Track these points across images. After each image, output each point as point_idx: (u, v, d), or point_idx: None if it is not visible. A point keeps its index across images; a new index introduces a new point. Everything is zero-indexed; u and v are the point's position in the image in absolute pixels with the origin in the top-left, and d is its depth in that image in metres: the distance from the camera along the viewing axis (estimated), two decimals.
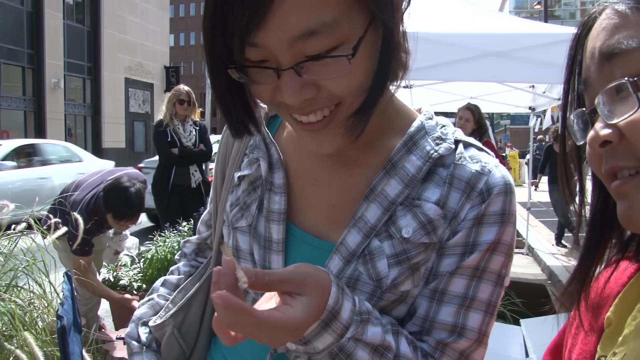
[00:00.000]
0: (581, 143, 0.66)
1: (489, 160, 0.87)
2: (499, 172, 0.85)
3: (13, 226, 2.73)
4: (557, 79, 0.75)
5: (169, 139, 5.51)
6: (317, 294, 0.71)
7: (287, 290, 0.69)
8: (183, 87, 5.62)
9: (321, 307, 0.71)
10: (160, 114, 5.66)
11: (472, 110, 5.55)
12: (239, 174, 0.97)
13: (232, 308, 0.64)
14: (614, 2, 0.62)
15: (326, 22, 0.67)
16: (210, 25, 0.71)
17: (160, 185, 5.62)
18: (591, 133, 0.61)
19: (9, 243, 2.67)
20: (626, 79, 0.57)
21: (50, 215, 2.98)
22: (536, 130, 10.66)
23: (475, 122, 5.50)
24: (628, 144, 0.58)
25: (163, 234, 4.57)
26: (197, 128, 5.71)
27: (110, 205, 3.43)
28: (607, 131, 0.59)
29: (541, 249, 8.00)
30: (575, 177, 0.71)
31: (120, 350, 2.78)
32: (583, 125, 0.66)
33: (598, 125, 0.61)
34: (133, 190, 3.47)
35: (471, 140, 0.91)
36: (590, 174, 0.70)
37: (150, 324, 1.01)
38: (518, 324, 3.58)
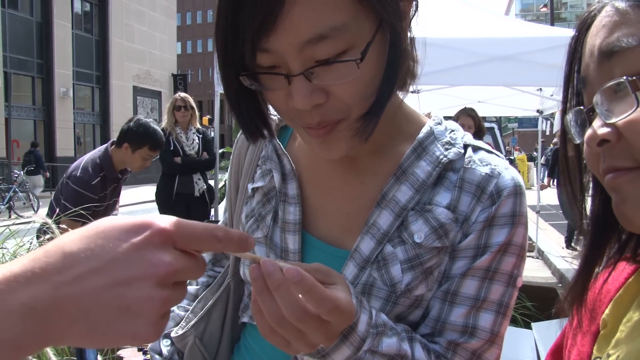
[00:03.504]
0: (578, 142, 0.66)
1: (499, 163, 0.88)
2: (508, 174, 0.86)
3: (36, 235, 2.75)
4: None
5: (172, 148, 5.47)
6: (345, 286, 0.72)
7: (318, 278, 0.69)
8: (179, 94, 5.63)
9: (351, 302, 0.72)
10: (162, 124, 5.62)
11: (473, 116, 5.50)
12: (252, 185, 0.99)
13: (304, 282, 0.64)
14: None
15: (335, 27, 0.68)
16: (223, 31, 0.73)
17: (164, 194, 5.56)
18: (589, 132, 0.61)
19: (27, 253, 2.69)
20: (625, 77, 0.57)
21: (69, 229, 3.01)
22: (547, 133, 10.59)
23: (476, 126, 5.45)
24: (626, 144, 0.58)
25: None
26: (200, 136, 5.67)
27: (148, 137, 3.64)
28: (605, 130, 0.59)
29: (551, 252, 7.97)
30: (577, 177, 0.71)
31: (135, 357, 2.80)
32: (581, 123, 0.65)
33: (596, 123, 0.60)
34: (156, 124, 3.78)
35: (480, 143, 0.92)
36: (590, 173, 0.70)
37: (172, 335, 1.03)
38: (529, 327, 3.57)
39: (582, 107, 0.66)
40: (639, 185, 0.58)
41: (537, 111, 8.04)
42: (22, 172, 15.99)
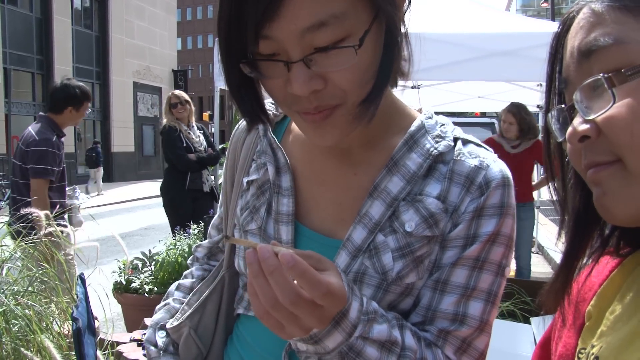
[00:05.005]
0: (560, 140, 0.68)
1: (487, 155, 0.90)
2: (496, 166, 0.89)
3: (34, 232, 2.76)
4: None
5: (185, 145, 5.49)
6: (337, 272, 0.74)
7: (311, 264, 0.71)
8: (172, 92, 5.71)
9: (343, 287, 0.73)
10: (164, 121, 5.65)
11: (513, 113, 5.32)
12: (247, 179, 1.00)
13: (298, 267, 0.67)
14: (590, 1, 0.64)
15: (334, 14, 0.71)
16: (226, 20, 0.75)
17: (174, 191, 5.55)
18: (570, 129, 0.62)
19: (26, 249, 2.69)
20: (602, 74, 0.58)
21: (69, 225, 3.04)
22: None
23: (517, 123, 5.26)
24: (605, 139, 0.59)
25: (174, 237, 4.62)
26: (202, 132, 5.75)
27: (77, 92, 3.99)
28: (585, 126, 0.60)
29: (551, 248, 7.98)
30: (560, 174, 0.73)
31: (134, 352, 2.81)
32: (562, 121, 0.67)
33: (576, 120, 0.62)
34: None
35: (470, 137, 0.94)
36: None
37: (168, 326, 1.05)
38: (528, 322, 3.58)
39: (563, 106, 0.67)
40: (619, 178, 0.60)
41: (538, 106, 8.03)
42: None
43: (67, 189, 4.17)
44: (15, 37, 19.92)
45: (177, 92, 5.69)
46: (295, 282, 0.69)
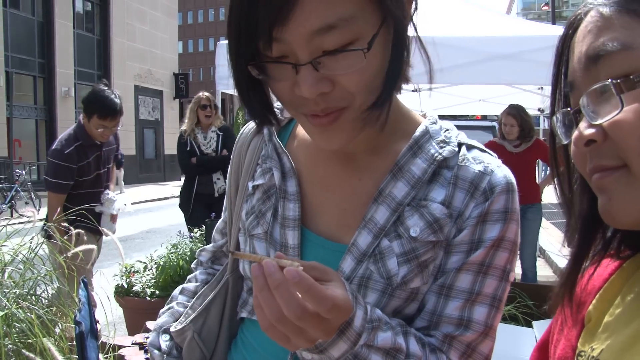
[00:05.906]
0: (565, 143, 0.68)
1: (492, 161, 0.91)
2: (501, 171, 0.89)
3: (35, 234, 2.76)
4: None
5: (188, 148, 5.38)
6: (341, 283, 0.75)
7: (315, 275, 0.72)
8: (203, 93, 5.47)
9: (348, 298, 0.74)
10: (183, 125, 5.50)
11: (513, 115, 5.39)
12: (253, 183, 1.01)
13: (303, 283, 0.67)
14: (599, 4, 0.64)
15: (343, 17, 0.72)
16: (236, 22, 0.75)
17: (184, 197, 5.47)
18: (576, 132, 0.63)
19: (28, 252, 2.70)
20: (610, 80, 0.59)
21: (71, 227, 3.01)
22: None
23: (519, 125, 5.35)
24: (612, 143, 0.60)
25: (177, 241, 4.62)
26: (221, 134, 5.50)
27: (95, 104, 3.67)
28: (591, 131, 0.61)
29: (553, 251, 7.96)
30: (566, 176, 0.73)
31: (136, 356, 2.81)
32: (568, 124, 0.67)
33: (582, 124, 0.62)
34: (112, 92, 3.80)
35: (474, 142, 0.94)
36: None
37: (172, 329, 1.05)
38: (530, 326, 3.57)
39: (569, 109, 0.67)
40: (625, 184, 0.60)
41: (539, 110, 8.04)
42: (23, 172, 15.95)
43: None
44: (17, 40, 19.93)
45: (208, 94, 5.48)
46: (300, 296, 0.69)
